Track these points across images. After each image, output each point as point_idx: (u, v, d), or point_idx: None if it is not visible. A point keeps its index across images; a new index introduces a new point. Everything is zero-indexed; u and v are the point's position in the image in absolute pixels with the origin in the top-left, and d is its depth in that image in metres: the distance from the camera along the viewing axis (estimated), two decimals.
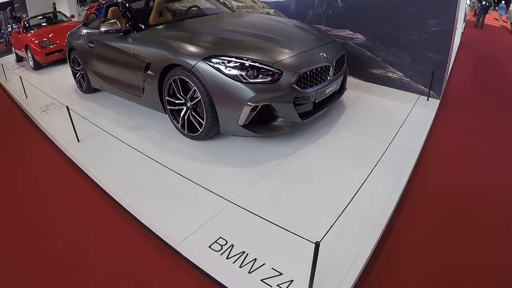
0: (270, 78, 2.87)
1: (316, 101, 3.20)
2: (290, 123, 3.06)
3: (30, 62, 7.89)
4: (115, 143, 3.47)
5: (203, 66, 2.94)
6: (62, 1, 12.16)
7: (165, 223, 2.39)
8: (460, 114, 4.20)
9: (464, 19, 10.63)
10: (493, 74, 6.35)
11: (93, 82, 4.85)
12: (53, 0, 12.74)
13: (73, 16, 10.35)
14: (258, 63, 2.89)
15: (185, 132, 3.40)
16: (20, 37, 8.47)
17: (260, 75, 2.87)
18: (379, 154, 2.89)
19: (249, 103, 2.82)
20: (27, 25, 8.82)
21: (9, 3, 18.04)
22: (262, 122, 3.03)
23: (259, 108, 2.89)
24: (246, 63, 2.88)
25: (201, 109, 3.13)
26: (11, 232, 2.67)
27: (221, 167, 2.97)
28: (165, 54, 3.25)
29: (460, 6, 4.13)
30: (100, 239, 2.49)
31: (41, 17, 9.38)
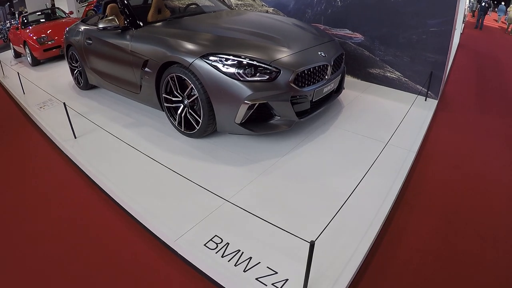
0: (267, 77, 2.86)
1: (314, 100, 3.19)
2: (287, 121, 3.05)
3: (28, 58, 7.86)
4: (112, 140, 3.45)
5: (200, 63, 2.93)
6: None
7: (160, 221, 2.38)
8: (458, 115, 4.20)
9: (463, 20, 10.64)
10: (491, 75, 6.36)
11: (90, 78, 4.84)
12: None
13: (71, 13, 10.29)
14: (256, 61, 2.88)
15: (182, 130, 3.39)
16: (18, 33, 8.42)
17: (258, 73, 2.86)
18: (376, 153, 2.89)
19: (246, 101, 2.81)
20: (25, 21, 8.78)
21: None
22: (259, 121, 3.02)
23: (256, 106, 2.88)
24: (243, 61, 2.87)
25: (198, 107, 3.12)
26: (5, 228, 2.66)
27: (217, 165, 2.97)
28: (162, 52, 3.24)
29: (459, 7, 4.13)
30: (96, 236, 2.48)
31: (39, 13, 9.34)
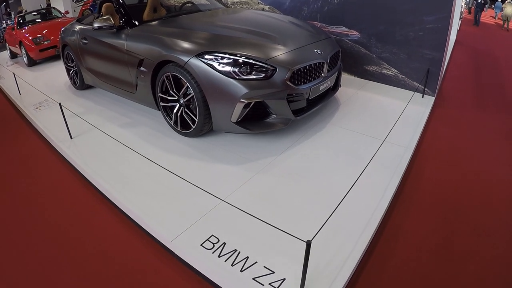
0: (263, 75, 2.85)
1: (310, 98, 3.18)
2: (284, 120, 3.04)
3: (24, 59, 7.81)
4: (108, 140, 3.43)
5: (196, 62, 2.91)
6: None
7: (157, 221, 2.36)
8: (455, 111, 4.19)
9: (460, 17, 10.63)
10: (488, 71, 6.36)
11: (86, 78, 4.81)
12: None
13: (67, 12, 10.23)
14: (252, 59, 2.86)
15: (178, 129, 3.37)
16: (14, 33, 8.36)
17: (254, 72, 2.84)
18: (373, 151, 2.88)
19: (242, 100, 2.80)
20: (21, 21, 8.73)
21: None
22: (255, 119, 3.01)
23: (252, 105, 2.86)
24: (239, 59, 2.85)
25: (194, 106, 3.10)
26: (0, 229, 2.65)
27: (214, 164, 2.95)
28: (158, 51, 3.21)
29: (456, 4, 4.12)
30: (91, 237, 2.47)
31: (35, 13, 9.29)
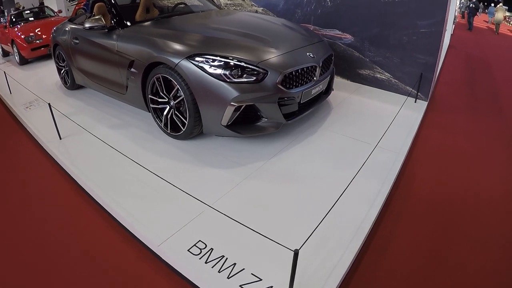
0: (254, 78, 2.82)
1: (302, 102, 3.15)
2: (275, 123, 3.01)
3: (16, 57, 7.73)
4: (97, 142, 3.39)
5: (186, 64, 2.88)
6: None
7: (144, 225, 2.33)
8: (448, 116, 4.19)
9: (454, 21, 10.69)
10: (481, 76, 6.39)
11: (77, 78, 4.76)
12: None
13: (60, 11, 10.14)
14: (243, 62, 2.84)
15: (168, 131, 3.33)
16: (6, 31, 8.28)
17: (245, 75, 2.81)
18: (364, 156, 2.87)
19: (232, 103, 2.77)
20: (14, 19, 8.65)
21: None
22: (246, 122, 2.98)
23: (242, 108, 2.84)
24: (230, 62, 2.82)
25: (184, 108, 3.06)
26: None
27: (203, 168, 2.92)
28: (148, 52, 3.18)
29: (450, 8, 4.13)
30: (78, 239, 2.43)
31: (28, 11, 9.20)
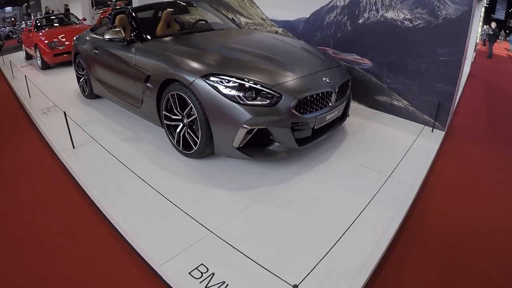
0: (268, 101, 2.79)
1: (316, 127, 3.10)
2: (287, 148, 2.96)
3: (38, 62, 7.93)
4: (109, 154, 3.41)
5: (201, 83, 2.87)
6: (76, 2, 12.23)
7: (147, 242, 2.31)
8: (465, 147, 4.07)
9: (475, 49, 10.55)
10: (501, 106, 6.24)
11: (95, 88, 4.82)
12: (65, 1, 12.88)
13: (85, 19, 10.40)
14: (259, 84, 2.82)
15: (180, 149, 3.32)
16: (31, 35, 8.51)
17: (259, 97, 2.79)
18: (377, 187, 2.80)
19: (244, 126, 2.74)
20: (38, 24, 8.89)
21: (26, 0, 18.36)
22: (257, 146, 2.94)
23: (255, 131, 2.80)
24: (246, 84, 2.81)
25: (197, 127, 3.05)
26: None
27: (211, 189, 2.88)
28: (165, 68, 3.20)
29: (470, 36, 4.05)
30: (81, 249, 2.43)
31: (53, 17, 9.46)
